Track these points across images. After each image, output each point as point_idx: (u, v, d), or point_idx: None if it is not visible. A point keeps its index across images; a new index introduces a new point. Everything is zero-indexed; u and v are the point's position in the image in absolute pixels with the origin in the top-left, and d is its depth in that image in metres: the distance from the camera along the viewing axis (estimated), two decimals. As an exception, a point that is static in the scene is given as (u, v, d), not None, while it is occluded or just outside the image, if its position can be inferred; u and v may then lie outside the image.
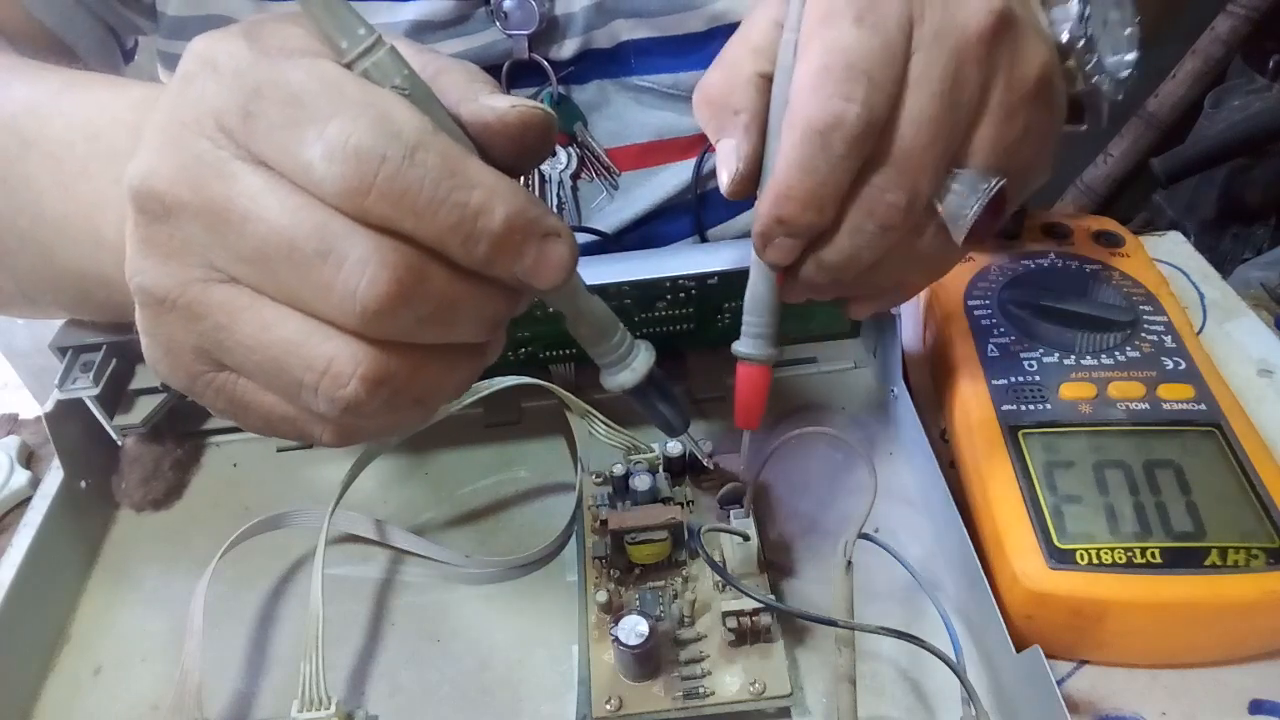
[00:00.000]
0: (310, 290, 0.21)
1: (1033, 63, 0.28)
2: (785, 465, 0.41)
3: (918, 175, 0.27)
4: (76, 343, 0.40)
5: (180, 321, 0.23)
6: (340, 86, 0.21)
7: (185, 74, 0.23)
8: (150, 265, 0.23)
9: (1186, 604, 0.32)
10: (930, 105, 0.27)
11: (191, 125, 0.22)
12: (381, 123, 0.21)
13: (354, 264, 0.21)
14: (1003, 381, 0.38)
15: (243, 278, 0.22)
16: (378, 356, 0.22)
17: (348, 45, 0.22)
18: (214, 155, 0.22)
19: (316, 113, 0.21)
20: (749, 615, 0.32)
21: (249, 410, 0.25)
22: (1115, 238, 0.46)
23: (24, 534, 0.36)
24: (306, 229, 0.21)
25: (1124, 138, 1.30)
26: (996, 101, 0.28)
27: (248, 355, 0.23)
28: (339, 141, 0.20)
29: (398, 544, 0.39)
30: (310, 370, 0.22)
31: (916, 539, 0.38)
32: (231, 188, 0.21)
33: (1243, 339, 0.46)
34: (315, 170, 0.21)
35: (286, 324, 0.22)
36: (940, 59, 0.27)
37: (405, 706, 0.34)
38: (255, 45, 0.22)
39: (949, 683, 0.32)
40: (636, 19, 0.49)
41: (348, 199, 0.21)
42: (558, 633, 0.35)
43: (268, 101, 0.21)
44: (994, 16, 0.27)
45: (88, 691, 0.35)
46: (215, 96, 0.22)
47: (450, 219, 0.21)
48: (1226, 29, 1.19)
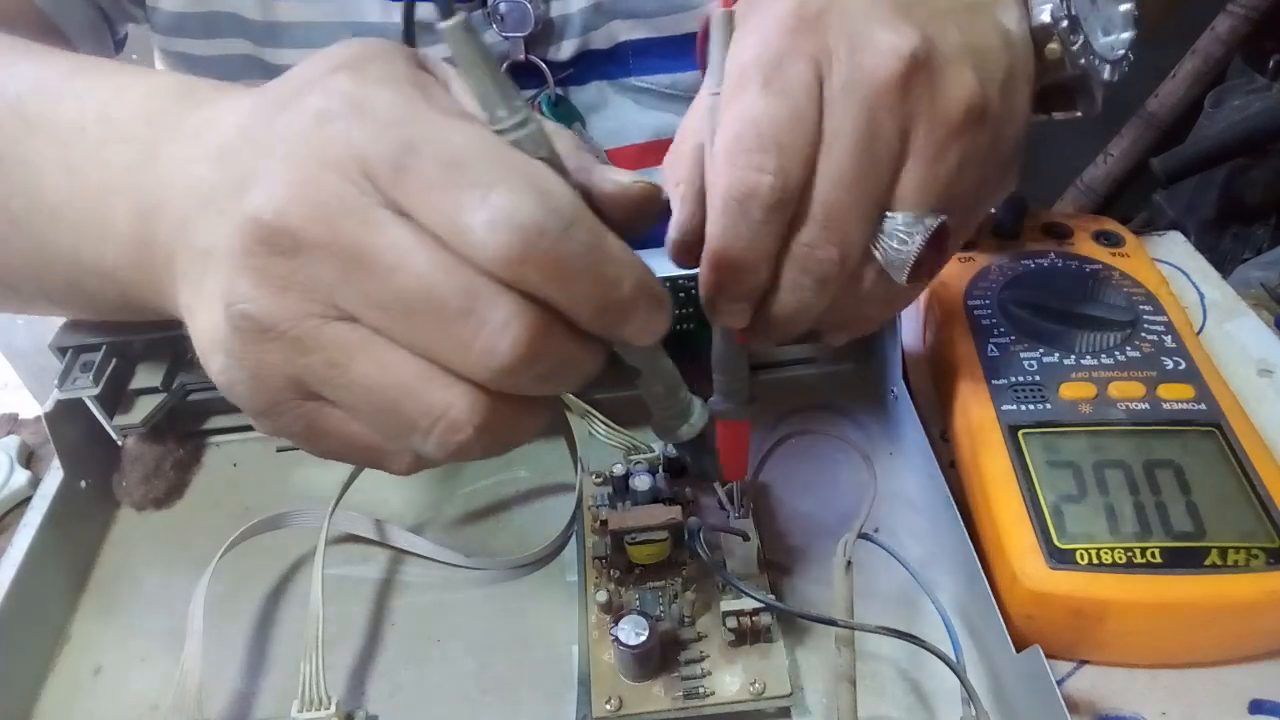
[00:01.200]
0: (446, 343, 0.22)
1: (956, 96, 0.28)
2: (785, 465, 0.40)
3: (844, 229, 0.28)
4: (76, 343, 0.40)
5: (283, 352, 0.23)
6: (501, 155, 0.22)
7: (323, 111, 0.22)
8: (261, 295, 0.22)
9: (1186, 604, 0.32)
10: (847, 161, 0.27)
11: (332, 166, 0.22)
12: (543, 196, 0.21)
13: (496, 324, 0.21)
14: (1003, 381, 0.38)
15: (366, 319, 0.22)
16: (492, 406, 0.23)
17: (505, 114, 0.22)
18: (357, 201, 0.22)
19: (479, 179, 0.21)
20: (749, 615, 0.32)
21: (327, 438, 0.25)
22: (1115, 238, 0.46)
23: (24, 534, 0.36)
24: (454, 287, 0.21)
25: (1124, 138, 1.30)
26: (921, 143, 0.28)
27: (358, 393, 0.23)
28: (504, 211, 0.21)
29: (398, 544, 0.39)
30: (427, 415, 0.23)
31: (916, 539, 0.38)
32: (376, 236, 0.21)
33: (1243, 339, 0.46)
34: (474, 234, 0.21)
35: (405, 367, 0.22)
36: (852, 113, 0.27)
37: (405, 706, 0.34)
38: (403, 95, 0.22)
39: (949, 683, 0.32)
40: (634, 20, 0.49)
41: (503, 266, 0.21)
42: (558, 633, 0.35)
43: (425, 159, 0.21)
44: (903, 61, 0.27)
45: (88, 691, 0.35)
46: (364, 142, 0.22)
47: (590, 290, 0.22)
48: (1226, 29, 1.19)
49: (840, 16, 0.28)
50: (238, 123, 0.25)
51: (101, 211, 0.29)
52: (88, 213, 0.29)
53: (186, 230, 0.25)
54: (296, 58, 0.51)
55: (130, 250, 0.28)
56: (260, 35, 0.49)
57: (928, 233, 0.27)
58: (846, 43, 0.27)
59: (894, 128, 0.27)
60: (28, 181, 0.30)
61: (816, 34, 0.27)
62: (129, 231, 0.28)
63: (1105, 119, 1.32)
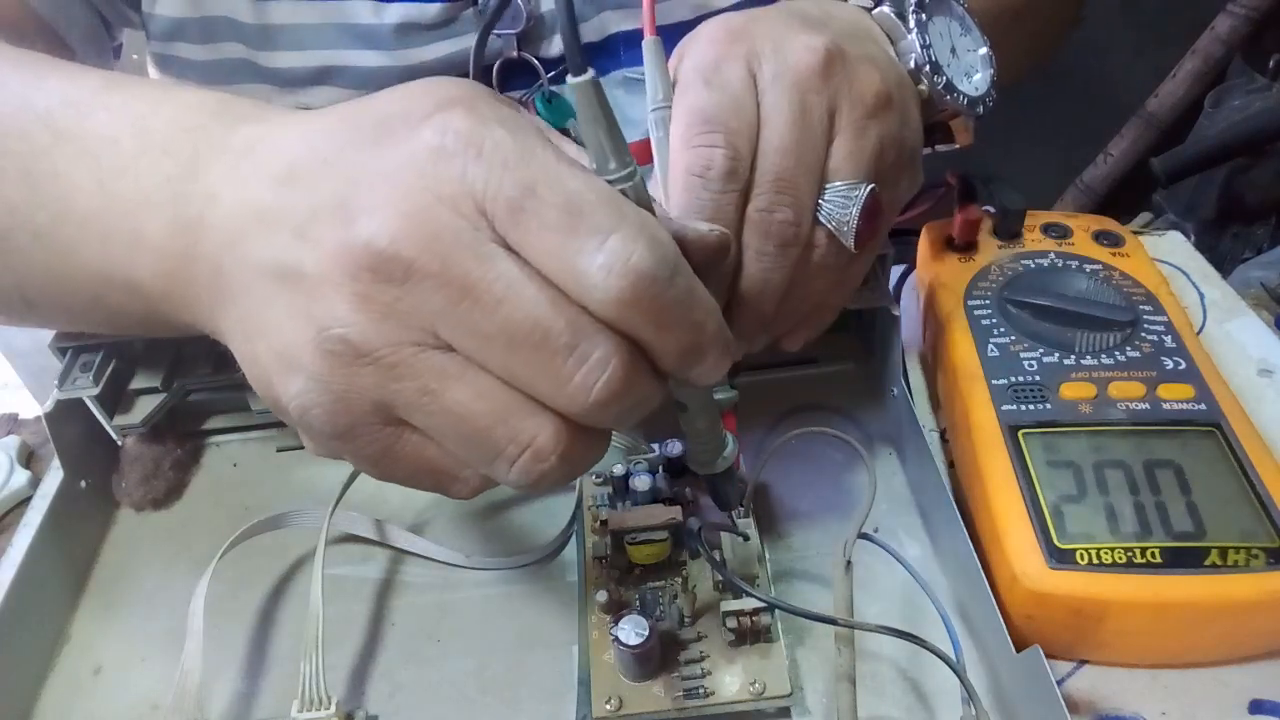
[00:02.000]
0: (543, 376, 0.23)
1: (868, 83, 0.33)
2: (785, 465, 0.41)
3: (796, 191, 0.31)
4: (76, 343, 0.40)
5: (375, 377, 0.23)
6: (616, 202, 0.23)
7: (439, 147, 0.23)
8: (362, 320, 0.23)
9: (1186, 604, 0.32)
10: (786, 132, 0.31)
11: (448, 201, 0.23)
12: (655, 245, 0.23)
13: (595, 362, 0.23)
14: (1003, 381, 0.38)
15: (464, 349, 0.23)
16: (575, 437, 0.24)
17: (615, 166, 0.24)
18: (470, 236, 0.22)
19: (597, 224, 0.22)
20: (749, 615, 0.32)
21: (400, 462, 0.26)
22: (1115, 238, 0.46)
23: (24, 534, 0.36)
24: (561, 324, 0.22)
25: (1124, 137, 1.30)
26: (845, 121, 0.32)
27: (448, 420, 0.24)
28: (621, 257, 0.22)
29: (398, 544, 0.39)
30: (514, 443, 0.24)
31: (916, 539, 0.38)
32: (486, 269, 0.22)
33: (1243, 339, 0.46)
34: (590, 278, 0.22)
35: (497, 396, 0.23)
36: (784, 95, 0.31)
37: (405, 706, 0.34)
38: (518, 137, 0.23)
39: (949, 683, 0.32)
40: (624, 10, 0.49)
41: (613, 308, 0.22)
42: (558, 633, 0.35)
43: (543, 203, 0.22)
44: (819, 52, 0.32)
45: (88, 691, 0.35)
46: (482, 182, 0.22)
47: (681, 334, 0.23)
48: (1226, 29, 1.19)
49: (761, 27, 0.33)
50: (310, 147, 0.25)
51: (134, 223, 0.29)
52: (119, 224, 0.29)
53: (242, 248, 0.25)
54: (289, 60, 0.51)
55: (163, 263, 0.28)
56: (253, 38, 0.49)
57: (864, 196, 0.31)
58: (770, 45, 0.32)
59: (821, 107, 0.32)
60: (56, 194, 0.30)
61: (743, 42, 0.32)
62: (163, 244, 0.28)
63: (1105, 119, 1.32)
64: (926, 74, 0.35)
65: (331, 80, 0.49)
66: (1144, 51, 1.28)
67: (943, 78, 0.35)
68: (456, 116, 0.23)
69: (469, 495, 0.27)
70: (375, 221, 0.23)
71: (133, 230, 0.29)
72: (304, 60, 0.49)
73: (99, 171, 0.29)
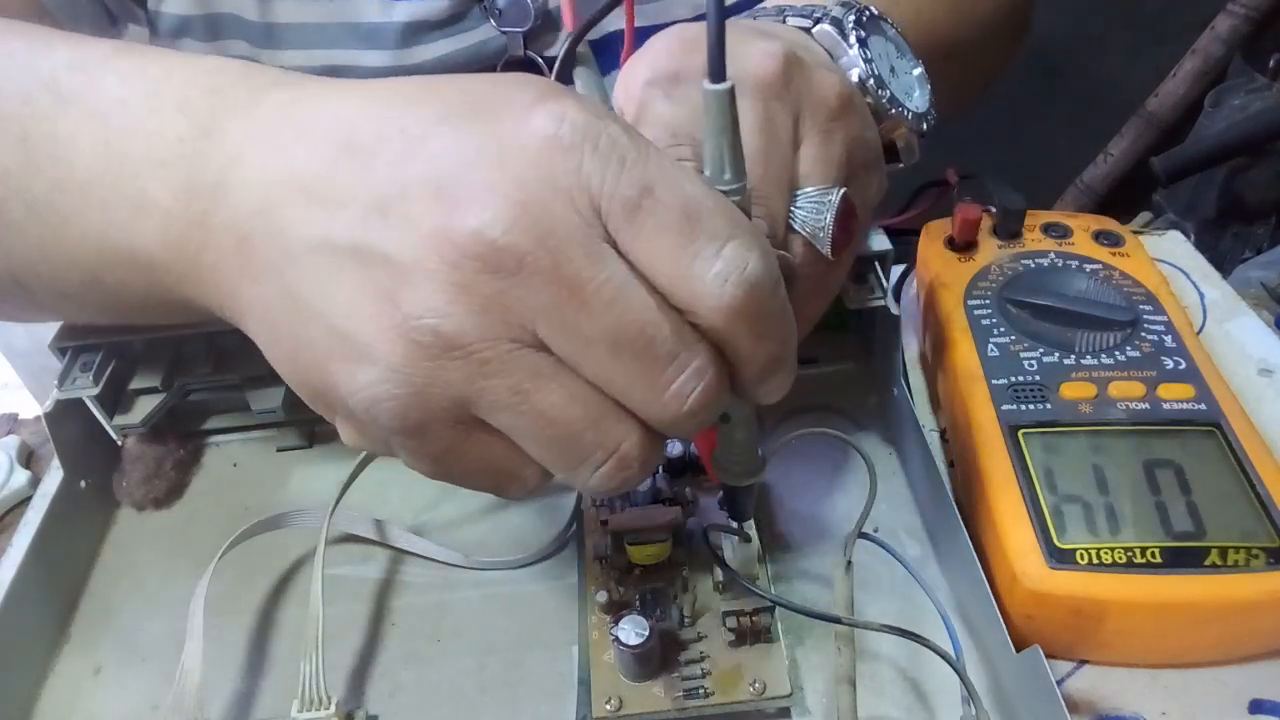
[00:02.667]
0: (639, 383, 0.22)
1: (828, 87, 0.32)
2: (785, 465, 0.41)
3: (768, 201, 0.30)
4: (76, 343, 0.40)
5: (464, 372, 0.22)
6: (731, 211, 0.22)
7: (554, 137, 0.22)
8: (458, 311, 0.22)
9: (1186, 604, 0.32)
10: (752, 140, 0.29)
11: (563, 195, 0.22)
12: (767, 255, 0.22)
13: (693, 372, 0.22)
14: (1003, 381, 0.38)
15: (563, 350, 0.22)
16: (655, 444, 0.24)
17: (730, 177, 0.23)
18: (583, 233, 0.22)
19: (715, 231, 0.22)
20: (749, 615, 0.32)
21: (464, 461, 0.25)
22: (1115, 237, 0.46)
23: (24, 534, 0.36)
24: (666, 330, 0.22)
25: (1124, 137, 1.30)
26: (809, 125, 0.31)
27: (536, 422, 0.23)
28: (737, 265, 0.22)
29: (398, 544, 0.39)
30: (602, 448, 0.23)
31: (916, 539, 0.38)
32: (598, 270, 0.21)
33: (1243, 339, 0.46)
34: (703, 284, 0.21)
35: (589, 399, 0.23)
36: (747, 105, 0.30)
37: (405, 706, 0.34)
38: (633, 135, 0.22)
39: (949, 683, 0.32)
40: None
41: (723, 317, 0.22)
42: (558, 633, 0.35)
43: (661, 204, 0.21)
44: (776, 58, 0.31)
45: (88, 691, 0.35)
46: (599, 178, 0.22)
47: (773, 347, 0.23)
48: (1226, 28, 1.19)
49: None
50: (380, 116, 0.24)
51: (139, 185, 0.27)
52: (122, 188, 0.27)
53: (280, 218, 0.24)
54: (292, 59, 0.51)
55: (169, 229, 0.26)
56: (258, 37, 0.49)
57: (837, 200, 0.31)
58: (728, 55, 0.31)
59: (785, 113, 0.31)
60: (55, 158, 0.28)
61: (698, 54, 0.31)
62: (172, 208, 0.26)
63: (1105, 118, 1.32)
64: (871, 88, 0.35)
65: None
66: (1144, 51, 1.28)
67: (887, 91, 0.35)
68: (571, 106, 0.22)
69: (524, 496, 0.26)
70: (487, 208, 0.21)
71: (138, 193, 0.27)
72: (308, 60, 0.49)
73: (105, 133, 0.27)
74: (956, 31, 0.48)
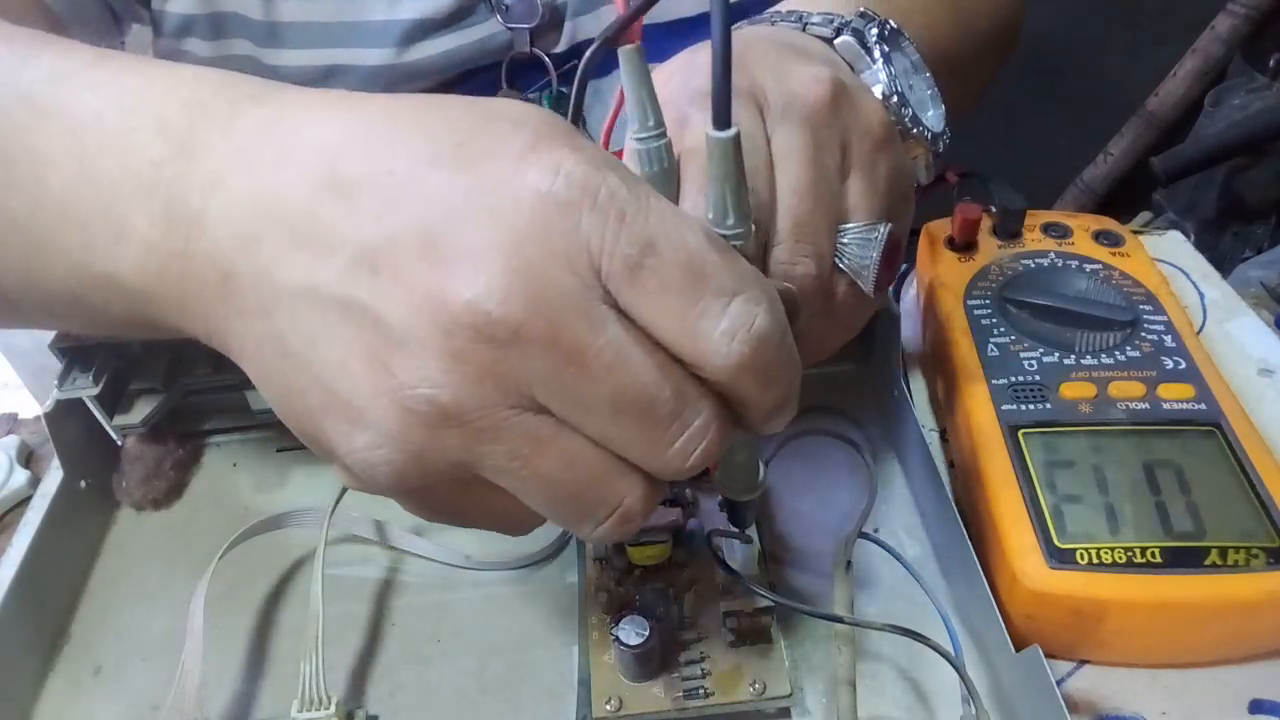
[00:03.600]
0: (642, 442, 0.22)
1: (874, 113, 0.31)
2: (785, 465, 0.40)
3: (815, 238, 0.28)
4: (76, 342, 0.40)
5: (462, 439, 0.21)
6: (735, 261, 0.22)
7: (550, 194, 0.21)
8: (455, 381, 0.21)
9: (1186, 604, 0.32)
10: (802, 173, 0.28)
11: (560, 257, 0.20)
12: (774, 306, 0.22)
13: (697, 429, 0.22)
14: (1003, 381, 0.38)
15: (563, 413, 0.22)
16: (657, 492, 0.23)
17: (734, 223, 0.23)
18: (582, 296, 0.21)
19: (721, 286, 0.21)
20: (749, 615, 0.32)
21: (467, 512, 0.25)
22: (1115, 237, 0.46)
23: (24, 534, 0.36)
24: (668, 391, 0.21)
25: (1124, 137, 1.30)
26: (856, 155, 0.30)
27: (536, 484, 0.22)
28: (744, 321, 0.21)
29: (398, 544, 0.39)
30: (604, 505, 0.23)
31: (916, 539, 0.38)
32: (597, 334, 0.21)
33: (1243, 339, 0.46)
34: (711, 343, 0.21)
35: (590, 460, 0.22)
36: (795, 132, 0.29)
37: (405, 706, 0.34)
38: (630, 183, 0.21)
39: (949, 683, 0.32)
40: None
41: (729, 374, 0.21)
42: (558, 633, 0.35)
43: (664, 261, 0.21)
44: (826, 83, 0.30)
45: (88, 691, 0.35)
46: (599, 236, 0.20)
47: (780, 391, 0.23)
48: (1227, 28, 1.19)
49: (757, 56, 0.30)
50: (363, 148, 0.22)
51: (117, 210, 0.25)
52: (99, 211, 0.26)
53: (263, 256, 0.22)
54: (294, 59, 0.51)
55: (149, 259, 0.25)
56: (261, 36, 0.49)
57: (883, 237, 0.29)
58: (772, 76, 0.30)
59: (834, 142, 0.29)
60: (32, 175, 0.27)
61: (742, 72, 0.29)
62: (150, 236, 0.25)
63: (1105, 118, 1.32)
64: (894, 106, 0.33)
65: (334, 81, 0.49)
66: (1144, 51, 1.28)
67: (909, 110, 0.34)
68: (567, 157, 0.21)
69: (525, 533, 0.26)
70: (480, 276, 0.20)
71: (116, 219, 0.25)
72: (310, 59, 0.49)
73: (80, 151, 0.26)
74: (961, 48, 0.47)
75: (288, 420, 0.24)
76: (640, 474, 0.23)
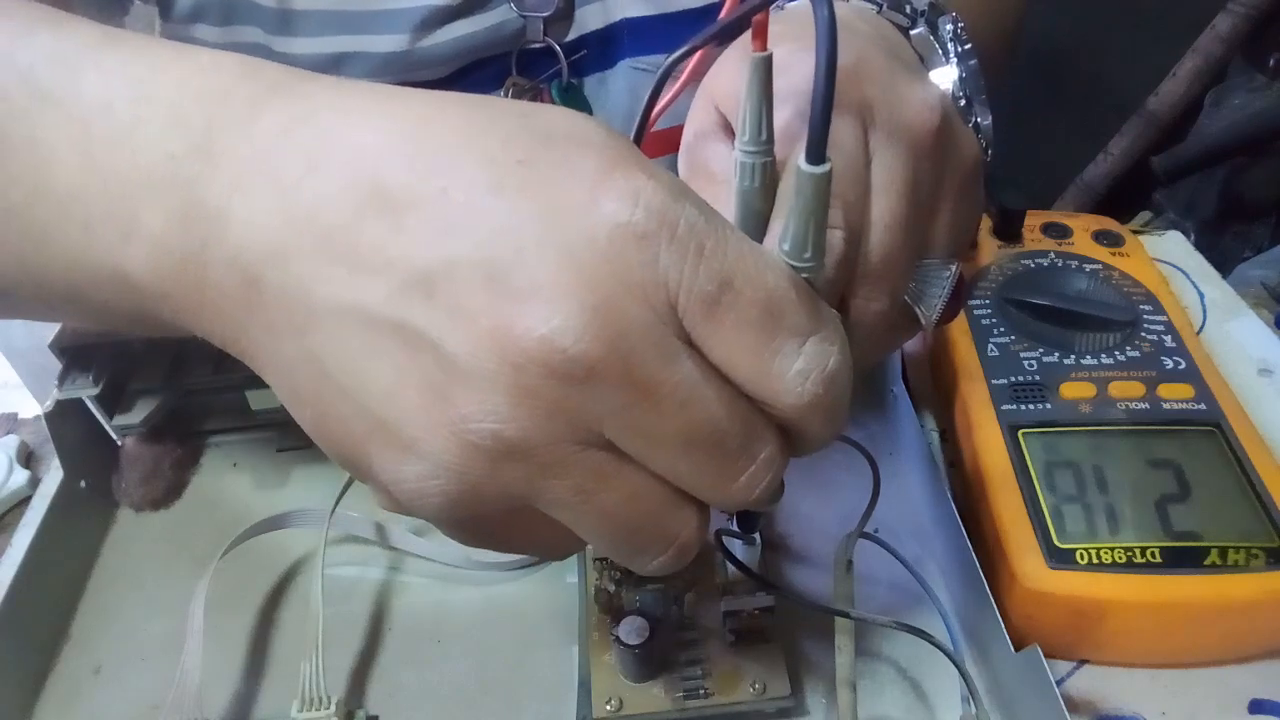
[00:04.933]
0: (709, 477, 0.22)
1: (970, 147, 0.29)
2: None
3: (895, 277, 0.27)
4: (76, 343, 0.40)
5: (525, 472, 0.21)
6: (810, 300, 0.21)
7: (629, 225, 0.19)
8: (523, 416, 0.20)
9: (1186, 604, 0.32)
10: (897, 207, 0.27)
11: (638, 292, 0.20)
12: (845, 347, 0.22)
13: (763, 463, 0.22)
14: (1003, 381, 0.38)
15: (630, 448, 0.21)
16: (708, 524, 0.23)
17: (810, 256, 0.22)
18: (657, 331, 0.20)
19: (797, 326, 0.21)
20: (749, 615, 0.32)
21: (512, 539, 0.24)
22: (1115, 237, 0.46)
23: (24, 534, 0.36)
24: (738, 425, 0.21)
25: (1124, 136, 1.30)
26: (948, 191, 0.28)
27: (596, 520, 0.22)
28: (819, 363, 0.21)
29: (398, 544, 0.39)
30: (662, 541, 0.22)
31: (916, 539, 0.38)
32: (671, 370, 0.20)
33: (1243, 339, 0.46)
34: (785, 382, 0.21)
35: (653, 495, 0.22)
36: (899, 161, 0.27)
37: (405, 706, 0.34)
38: (708, 215, 0.20)
39: (949, 683, 0.32)
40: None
41: (800, 413, 0.21)
42: (558, 633, 0.35)
43: (743, 298, 0.20)
44: (936, 113, 0.28)
45: (88, 691, 0.35)
46: (677, 271, 0.20)
47: (838, 425, 0.23)
48: (1227, 27, 1.19)
49: (871, 70, 0.28)
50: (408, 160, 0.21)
51: (126, 207, 0.23)
52: (107, 208, 0.24)
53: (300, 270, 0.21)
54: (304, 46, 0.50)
55: (162, 259, 0.23)
56: (272, 23, 0.48)
57: (953, 279, 0.28)
58: (883, 95, 0.27)
59: (933, 176, 0.28)
60: (33, 165, 0.25)
61: (855, 88, 0.27)
62: (164, 237, 0.23)
63: (1105, 118, 1.32)
64: (963, 109, 0.31)
65: (343, 69, 0.49)
66: (1144, 50, 1.27)
67: (974, 117, 0.32)
68: (644, 185, 0.20)
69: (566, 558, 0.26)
70: (557, 313, 0.19)
71: (126, 215, 0.24)
72: (319, 47, 0.48)
73: (86, 143, 0.24)
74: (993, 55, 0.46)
75: (323, 444, 0.23)
76: (696, 506, 0.22)
